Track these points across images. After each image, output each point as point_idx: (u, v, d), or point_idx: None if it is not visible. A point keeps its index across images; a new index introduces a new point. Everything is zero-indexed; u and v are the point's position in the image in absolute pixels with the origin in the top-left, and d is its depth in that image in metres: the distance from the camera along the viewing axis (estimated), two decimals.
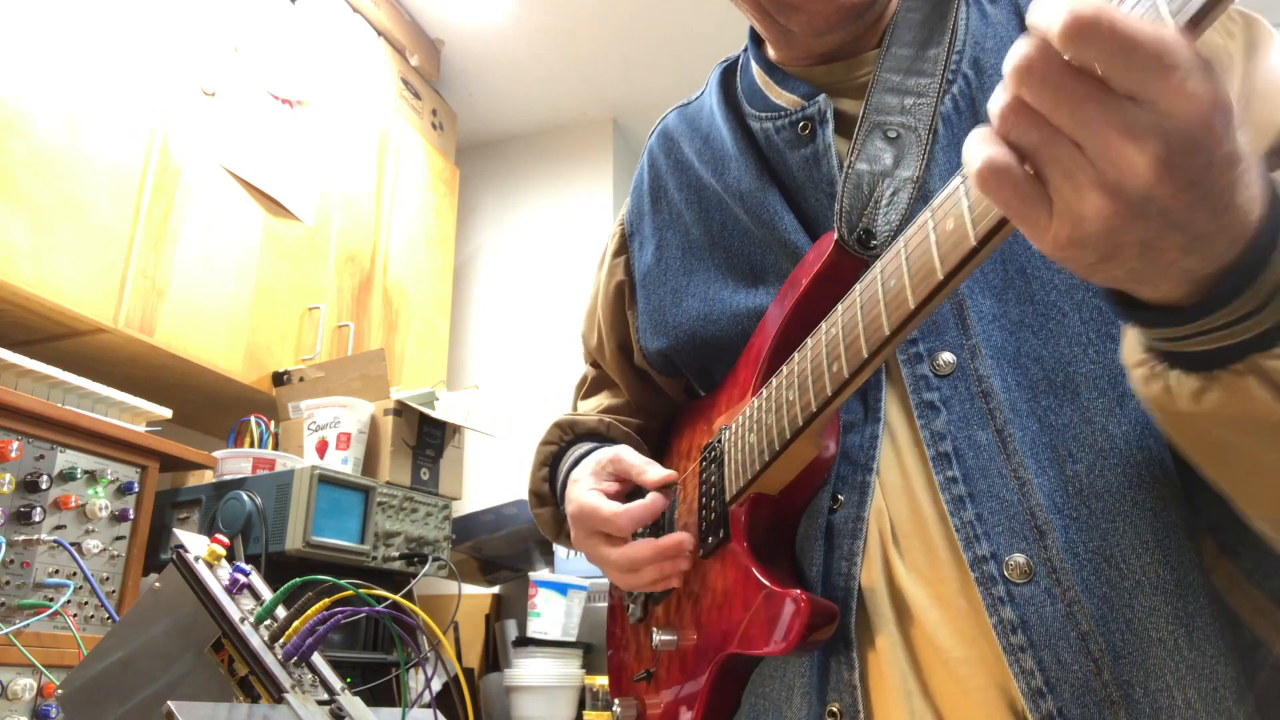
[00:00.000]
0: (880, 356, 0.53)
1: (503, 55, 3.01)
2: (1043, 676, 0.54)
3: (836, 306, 0.59)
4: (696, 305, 0.81)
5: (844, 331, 0.57)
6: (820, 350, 0.59)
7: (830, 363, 0.58)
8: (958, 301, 0.65)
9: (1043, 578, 0.56)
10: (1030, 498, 0.58)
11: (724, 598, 0.69)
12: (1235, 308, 0.41)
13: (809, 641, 0.60)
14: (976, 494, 0.60)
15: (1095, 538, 0.57)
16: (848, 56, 0.79)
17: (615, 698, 0.85)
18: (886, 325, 0.52)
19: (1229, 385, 0.43)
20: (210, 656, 0.64)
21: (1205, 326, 0.42)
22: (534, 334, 3.04)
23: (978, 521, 0.59)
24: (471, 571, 2.20)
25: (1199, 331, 0.42)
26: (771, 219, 0.76)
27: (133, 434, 1.43)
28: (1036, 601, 0.56)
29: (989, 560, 0.58)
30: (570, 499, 0.80)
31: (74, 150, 1.66)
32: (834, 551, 0.64)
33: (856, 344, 0.55)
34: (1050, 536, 0.57)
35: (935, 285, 0.48)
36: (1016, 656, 0.55)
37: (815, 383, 0.59)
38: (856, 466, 0.66)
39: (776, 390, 0.65)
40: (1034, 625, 0.55)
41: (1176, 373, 0.45)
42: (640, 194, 0.94)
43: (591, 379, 1.03)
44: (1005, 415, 0.61)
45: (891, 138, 0.69)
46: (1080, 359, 0.61)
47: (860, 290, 0.56)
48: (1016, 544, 0.57)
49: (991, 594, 0.57)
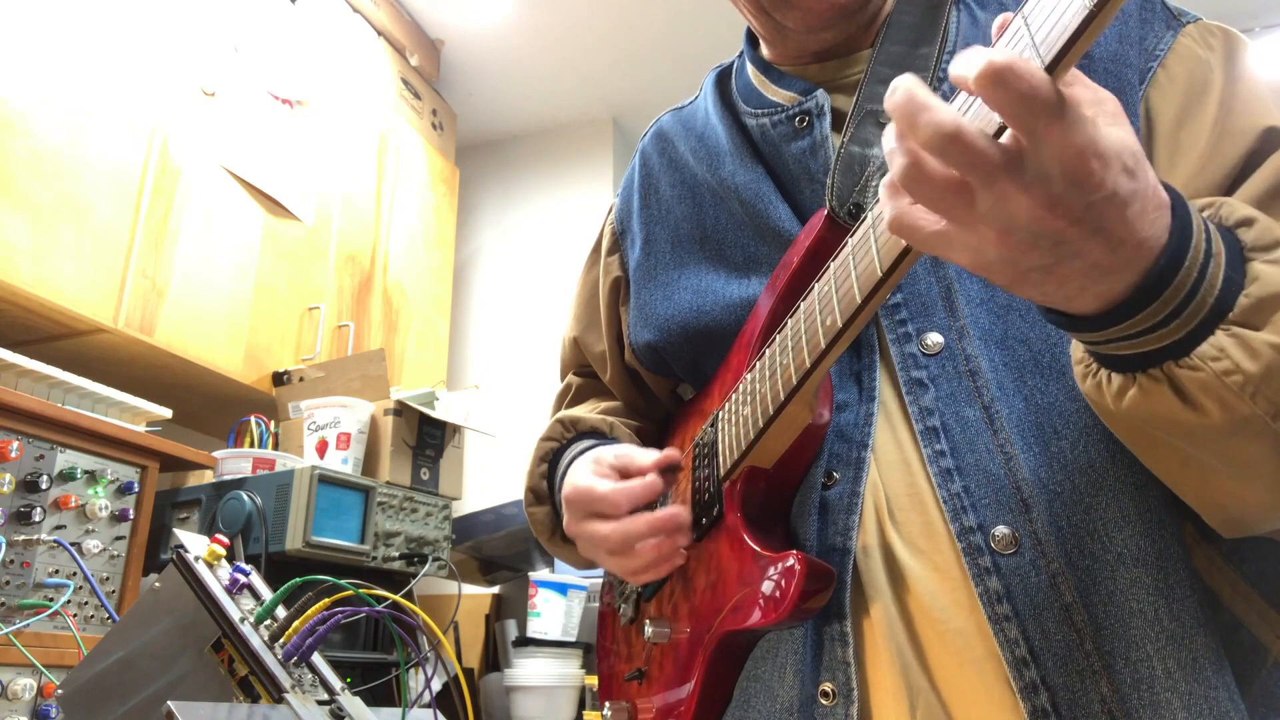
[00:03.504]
0: (873, 302, 0.54)
1: (503, 55, 3.01)
2: (1027, 646, 0.55)
3: (828, 264, 0.60)
4: (688, 297, 0.82)
5: (837, 284, 0.57)
6: (813, 307, 0.60)
7: (824, 316, 0.58)
8: (946, 284, 0.67)
9: (1028, 549, 0.58)
10: (1016, 472, 0.60)
11: (718, 576, 0.68)
12: (1137, 321, 0.46)
13: (804, 607, 0.59)
14: (964, 467, 0.61)
15: (1079, 511, 0.58)
16: (841, 55, 0.81)
17: (605, 701, 0.84)
18: (880, 267, 0.52)
19: (1145, 388, 0.48)
20: (210, 656, 0.64)
21: (1116, 335, 0.47)
22: (534, 334, 3.04)
23: (965, 494, 0.60)
24: (471, 571, 2.20)
25: (1117, 337, 0.47)
26: (766, 209, 0.77)
27: (133, 434, 1.43)
28: (1021, 572, 0.57)
29: (975, 531, 0.59)
30: (566, 485, 0.79)
31: (74, 150, 1.66)
32: (829, 526, 0.65)
33: (850, 293, 0.55)
34: (1035, 510, 0.58)
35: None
36: (1001, 626, 0.56)
37: (809, 340, 0.60)
38: (852, 444, 0.66)
39: (769, 358, 0.66)
40: (1019, 595, 0.57)
41: (1105, 372, 0.51)
42: (630, 192, 0.95)
43: (576, 388, 1.01)
44: (992, 393, 0.62)
45: (884, 123, 0.72)
46: (1066, 340, 0.63)
47: (851, 242, 0.57)
48: (1002, 516, 0.59)
49: (978, 564, 0.58)
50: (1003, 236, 0.43)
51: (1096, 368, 0.51)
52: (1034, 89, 0.39)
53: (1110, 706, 0.53)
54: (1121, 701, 0.53)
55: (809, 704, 0.61)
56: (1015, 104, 0.39)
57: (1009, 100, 0.39)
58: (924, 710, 0.58)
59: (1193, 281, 0.45)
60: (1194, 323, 0.46)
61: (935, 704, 0.58)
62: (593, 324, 0.98)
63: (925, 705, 0.58)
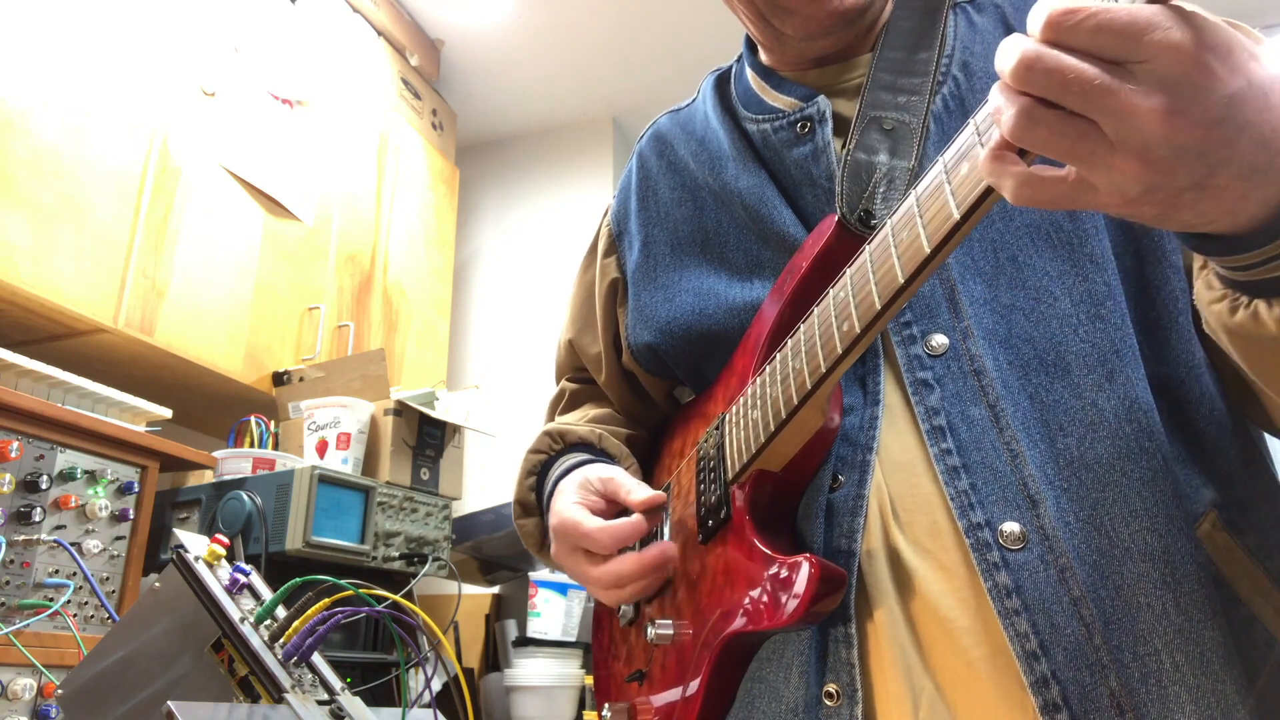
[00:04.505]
0: (892, 310, 0.54)
1: (503, 55, 3.01)
2: (1037, 640, 0.55)
3: (843, 271, 0.60)
4: (690, 300, 0.82)
5: (854, 290, 0.58)
6: (828, 313, 0.61)
7: (840, 322, 0.58)
8: (949, 286, 0.67)
9: (1036, 545, 0.58)
10: (1023, 469, 0.60)
11: (725, 578, 0.68)
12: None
13: (815, 610, 0.60)
14: (970, 465, 0.61)
15: (1086, 507, 0.59)
16: (840, 60, 0.82)
17: (604, 704, 0.84)
18: (900, 274, 0.52)
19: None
20: (210, 656, 0.64)
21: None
22: (534, 334, 3.04)
23: (972, 491, 0.61)
24: (471, 571, 2.20)
25: (1277, 254, 0.45)
26: (770, 213, 0.77)
27: (133, 434, 1.43)
28: (1030, 567, 0.57)
29: (984, 528, 0.59)
30: (553, 510, 0.80)
31: (74, 150, 1.66)
32: (834, 529, 0.65)
33: (869, 299, 0.55)
34: (1042, 506, 0.59)
35: (953, 225, 0.49)
36: (1012, 620, 0.56)
37: (825, 345, 0.60)
38: (857, 447, 0.67)
39: (781, 363, 0.66)
40: (1028, 590, 0.57)
41: (1263, 300, 0.48)
42: (627, 194, 0.95)
43: (570, 394, 1.01)
44: (997, 391, 0.63)
45: (887, 129, 0.72)
46: (1070, 339, 0.64)
47: (870, 249, 0.57)
48: (1010, 513, 0.59)
49: (986, 559, 0.58)
50: (1144, 162, 0.40)
51: (1248, 300, 0.49)
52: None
53: (1119, 700, 0.54)
54: (1130, 695, 0.54)
55: (814, 705, 0.61)
56: (1108, 25, 0.38)
57: (1102, 24, 0.38)
58: (927, 710, 0.58)
59: None
60: None
61: (939, 703, 0.58)
62: (589, 326, 0.97)
63: (929, 705, 0.58)
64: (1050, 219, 0.68)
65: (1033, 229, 0.68)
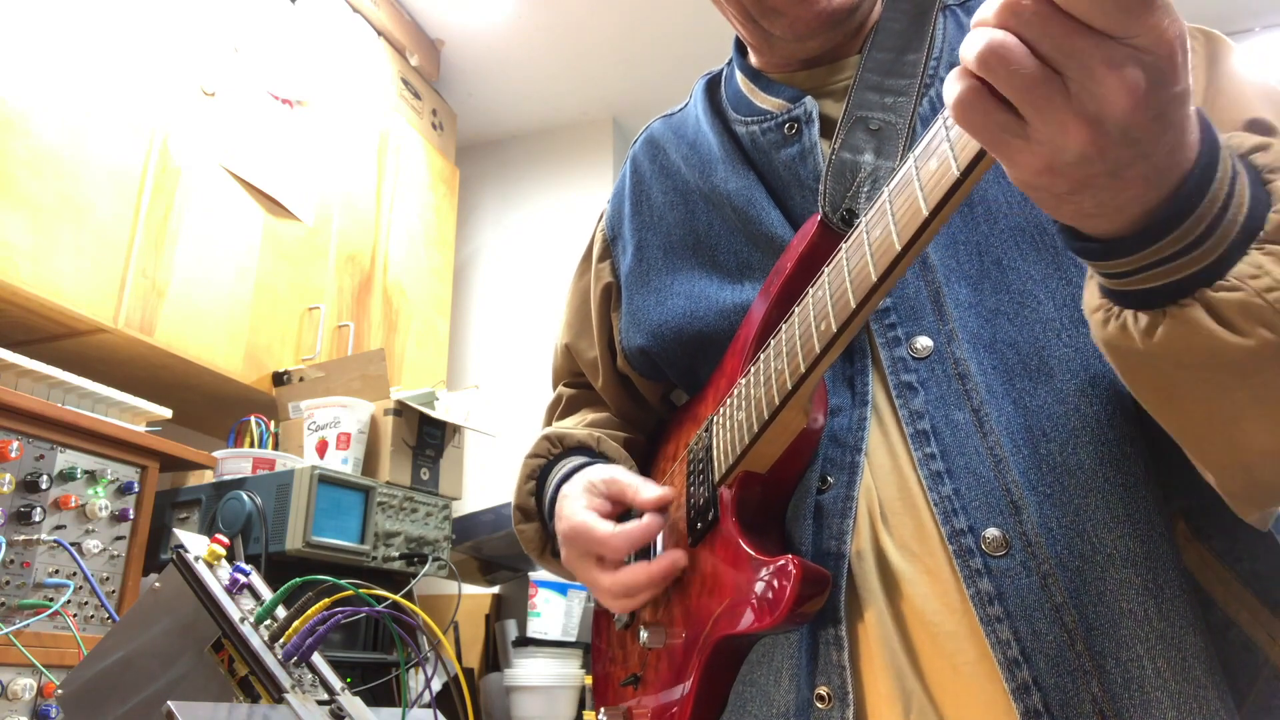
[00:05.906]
0: (867, 308, 0.54)
1: (503, 55, 3.01)
2: (1019, 646, 0.55)
3: (822, 270, 0.60)
4: (681, 302, 0.82)
5: (831, 290, 0.58)
6: (807, 313, 0.61)
7: (819, 322, 0.58)
8: (935, 289, 0.67)
9: (1018, 551, 0.58)
10: (1006, 474, 0.60)
11: (713, 581, 0.68)
12: (1174, 240, 0.44)
13: (800, 612, 0.59)
14: (954, 470, 0.61)
15: (1068, 513, 0.59)
16: (829, 62, 0.82)
17: (600, 708, 0.84)
18: (874, 272, 0.52)
19: (1178, 318, 0.46)
20: (210, 656, 0.64)
21: (1151, 258, 0.45)
22: (534, 334, 3.04)
23: (955, 496, 0.61)
24: (471, 571, 2.20)
25: (1151, 262, 0.45)
26: (758, 215, 0.78)
27: (133, 434, 1.43)
28: (1012, 574, 0.57)
29: (966, 534, 0.59)
30: (561, 516, 0.79)
31: (74, 150, 1.66)
32: (823, 530, 0.65)
33: (844, 298, 0.56)
34: (1025, 512, 0.59)
35: (922, 222, 0.49)
36: (993, 627, 0.56)
37: (804, 345, 0.60)
38: (845, 448, 0.67)
39: (764, 364, 0.66)
40: (1010, 597, 0.57)
41: (1131, 312, 0.48)
42: (621, 199, 0.95)
43: (567, 399, 1.01)
44: (981, 396, 0.63)
45: (873, 129, 0.72)
46: (1054, 344, 0.64)
47: (845, 248, 0.57)
48: (993, 518, 0.59)
49: (969, 566, 0.58)
50: (1093, 131, 0.40)
51: (1119, 310, 0.49)
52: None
53: (1101, 706, 0.54)
54: (1113, 701, 0.54)
55: (805, 708, 0.61)
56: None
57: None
58: (918, 713, 0.58)
59: (1224, 197, 0.44)
60: (1226, 243, 0.45)
61: (928, 707, 0.58)
62: (584, 330, 0.97)
63: (919, 708, 0.58)
64: (1035, 222, 0.68)
65: (1017, 232, 0.68)
